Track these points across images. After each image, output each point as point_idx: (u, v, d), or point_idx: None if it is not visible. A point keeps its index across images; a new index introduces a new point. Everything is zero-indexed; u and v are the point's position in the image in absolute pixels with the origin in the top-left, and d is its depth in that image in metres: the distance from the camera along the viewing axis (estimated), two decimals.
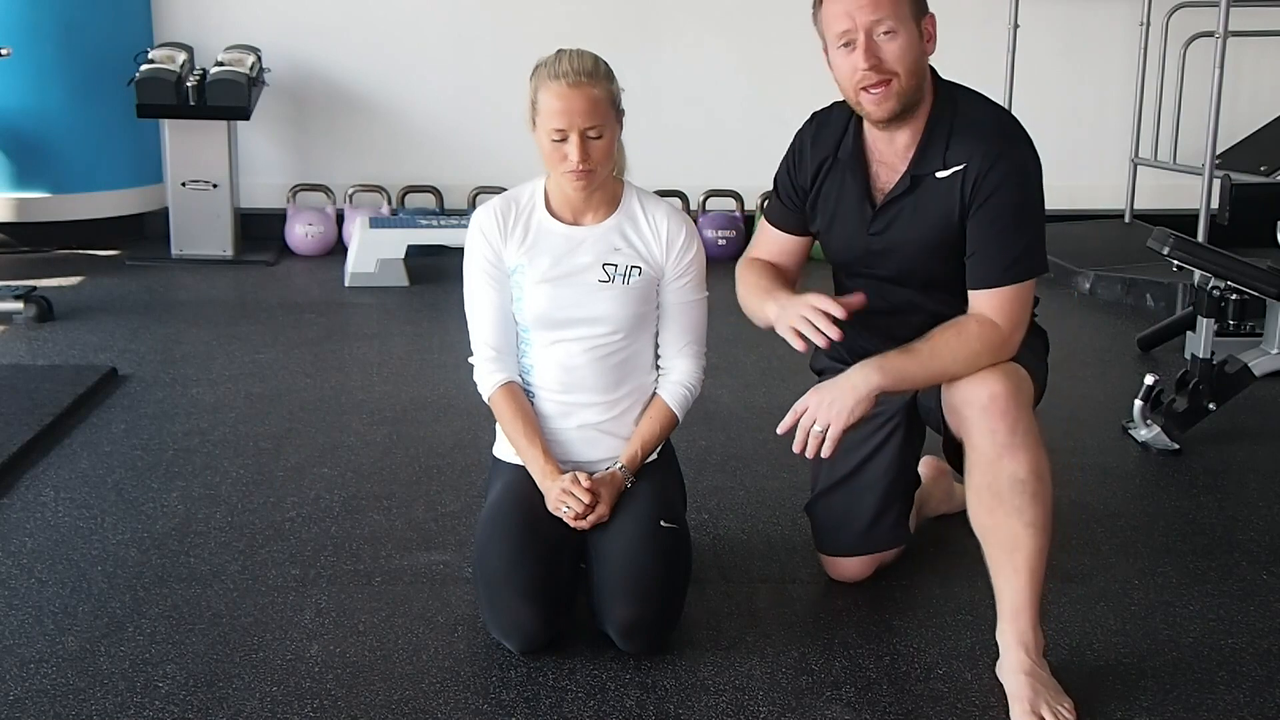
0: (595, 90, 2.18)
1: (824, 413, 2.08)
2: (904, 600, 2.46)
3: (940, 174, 2.16)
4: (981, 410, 2.05)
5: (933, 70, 2.19)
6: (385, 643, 2.25)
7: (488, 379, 2.34)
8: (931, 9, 2.17)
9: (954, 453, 2.32)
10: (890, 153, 2.21)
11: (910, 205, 2.20)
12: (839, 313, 2.09)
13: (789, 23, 5.78)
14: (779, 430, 2.15)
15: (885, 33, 2.08)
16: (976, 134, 2.14)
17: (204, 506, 2.82)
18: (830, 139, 2.28)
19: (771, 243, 2.43)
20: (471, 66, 5.86)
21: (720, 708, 2.08)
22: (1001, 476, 2.06)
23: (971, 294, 2.16)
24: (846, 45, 2.10)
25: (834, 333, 2.08)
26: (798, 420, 2.12)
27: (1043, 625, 2.12)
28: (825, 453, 2.09)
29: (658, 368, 2.39)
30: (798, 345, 2.14)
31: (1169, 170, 5.56)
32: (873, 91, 2.12)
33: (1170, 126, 5.57)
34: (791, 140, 2.36)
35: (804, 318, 2.12)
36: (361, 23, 5.81)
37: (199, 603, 2.38)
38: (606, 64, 2.24)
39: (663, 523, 2.21)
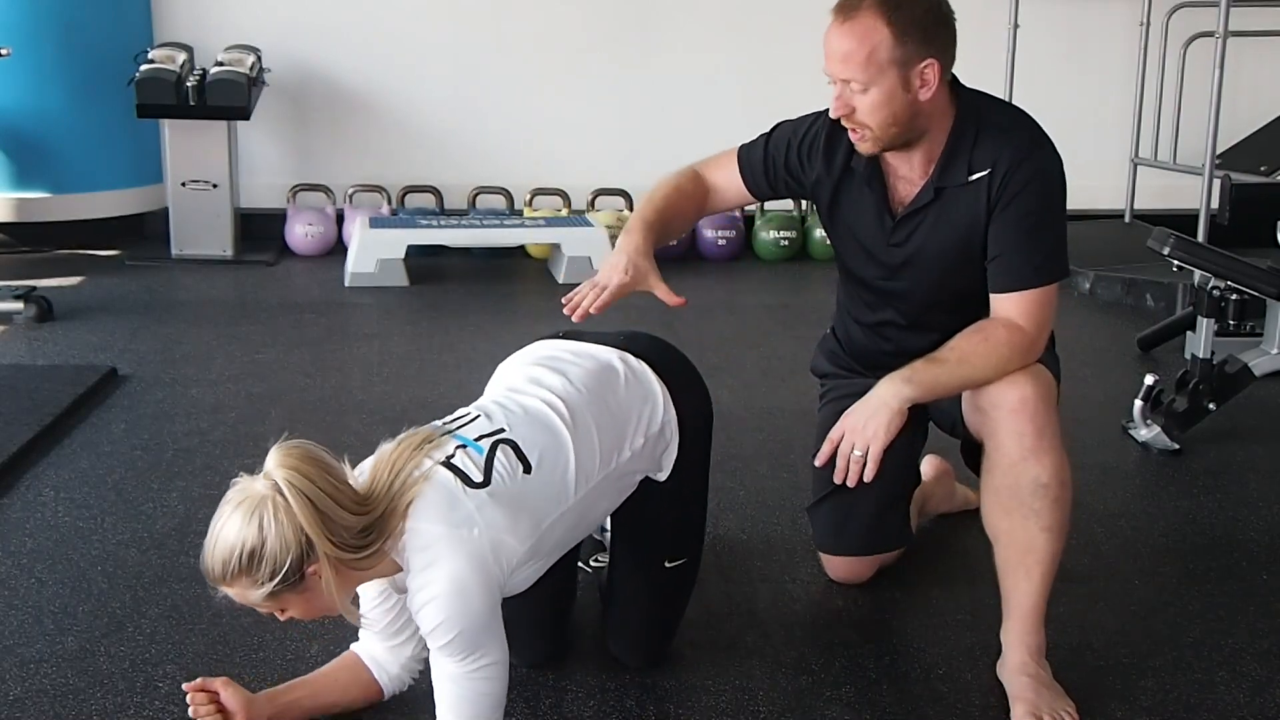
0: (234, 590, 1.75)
1: (861, 436, 2.03)
2: (904, 600, 2.46)
3: (965, 182, 2.12)
4: (1010, 412, 2.04)
5: (955, 83, 2.14)
6: None
7: None
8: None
9: (972, 454, 2.31)
10: (906, 169, 2.18)
11: (933, 215, 2.17)
12: (597, 301, 2.12)
13: (789, 24, 5.82)
14: (817, 463, 2.09)
15: (855, 90, 2.04)
16: (1000, 138, 2.11)
17: (204, 506, 2.81)
18: (843, 147, 2.21)
19: (723, 170, 2.37)
20: (471, 66, 5.86)
21: (720, 708, 2.08)
22: (1024, 479, 2.05)
23: (995, 297, 2.12)
24: (832, 84, 2.09)
25: (578, 313, 2.12)
26: (834, 450, 2.06)
27: (1044, 627, 2.12)
28: (868, 476, 2.03)
29: None
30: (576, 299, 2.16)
31: (1169, 170, 5.56)
32: (854, 132, 2.11)
33: (1170, 126, 5.58)
34: (817, 116, 2.26)
35: (593, 284, 2.16)
36: (361, 23, 5.81)
37: (199, 603, 2.38)
38: (249, 555, 1.70)
39: (667, 563, 2.16)
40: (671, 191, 2.34)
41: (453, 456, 1.82)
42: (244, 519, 1.70)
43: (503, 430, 1.89)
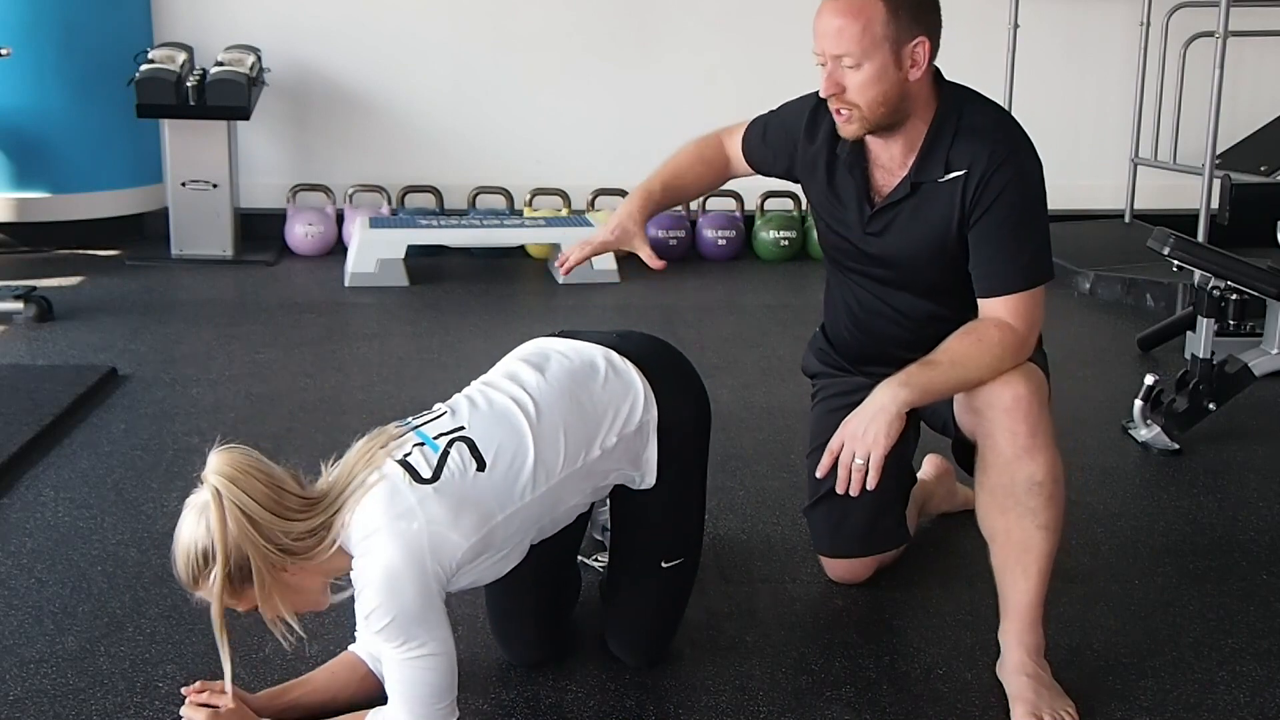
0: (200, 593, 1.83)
1: (861, 444, 2.00)
2: (904, 600, 2.46)
3: (940, 179, 2.14)
4: (1004, 411, 2.05)
5: (939, 75, 2.16)
6: None
7: None
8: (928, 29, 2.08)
9: (963, 452, 2.32)
10: (886, 158, 2.20)
11: (908, 210, 2.18)
12: (579, 254, 2.32)
13: (788, 24, 5.81)
14: (819, 474, 2.07)
15: (848, 65, 2.06)
16: (977, 139, 2.11)
17: None
18: (828, 133, 2.24)
19: (736, 141, 2.46)
20: (471, 66, 5.86)
21: (720, 708, 2.08)
22: (1019, 478, 2.05)
23: (984, 301, 2.13)
24: (821, 65, 2.10)
25: (565, 267, 2.33)
26: (835, 459, 2.03)
27: (1044, 626, 2.13)
28: (871, 484, 2.00)
29: None
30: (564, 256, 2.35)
31: (1169, 170, 5.56)
32: (840, 113, 2.13)
33: (1170, 126, 5.57)
34: (814, 101, 2.27)
35: (583, 244, 2.33)
36: (361, 23, 5.81)
37: (198, 603, 2.37)
38: (203, 555, 1.78)
39: (664, 563, 2.15)
40: (689, 159, 2.47)
41: (409, 455, 1.86)
42: (194, 522, 1.79)
43: (462, 428, 1.92)
